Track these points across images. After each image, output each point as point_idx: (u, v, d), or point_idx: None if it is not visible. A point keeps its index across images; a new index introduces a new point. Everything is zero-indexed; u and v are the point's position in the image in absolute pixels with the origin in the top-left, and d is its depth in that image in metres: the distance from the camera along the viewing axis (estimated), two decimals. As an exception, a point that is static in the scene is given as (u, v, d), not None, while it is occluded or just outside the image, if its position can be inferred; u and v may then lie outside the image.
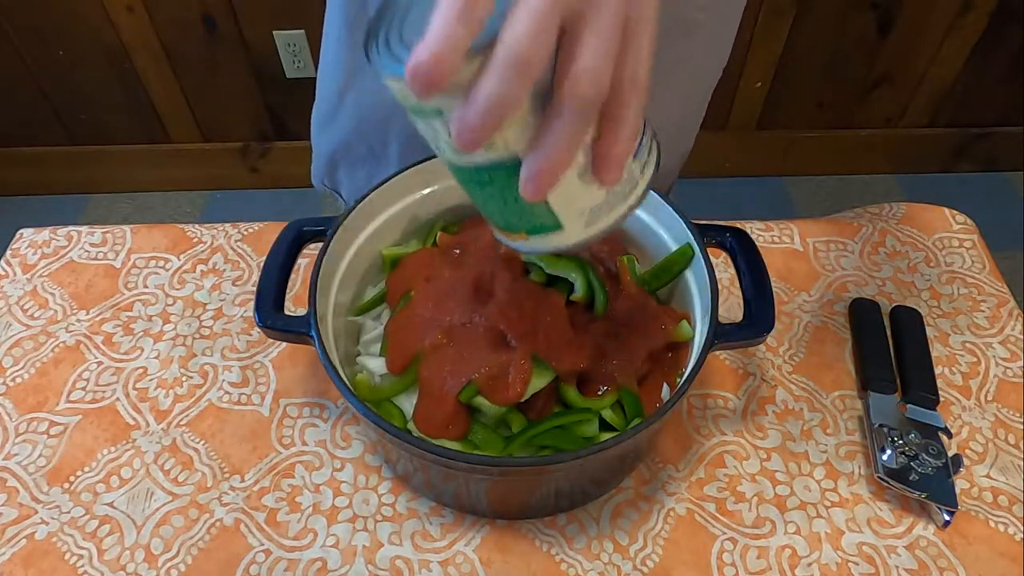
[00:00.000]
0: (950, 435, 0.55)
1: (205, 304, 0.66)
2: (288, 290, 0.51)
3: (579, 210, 0.35)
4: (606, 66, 0.30)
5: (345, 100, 0.75)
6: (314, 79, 0.74)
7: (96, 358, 0.62)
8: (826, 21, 1.55)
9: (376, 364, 0.52)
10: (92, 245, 0.70)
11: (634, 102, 0.32)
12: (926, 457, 0.53)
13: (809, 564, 0.51)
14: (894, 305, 0.65)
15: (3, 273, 0.68)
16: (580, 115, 0.31)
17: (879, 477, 0.53)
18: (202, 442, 0.57)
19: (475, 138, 0.31)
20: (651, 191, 0.54)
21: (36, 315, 0.65)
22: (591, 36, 0.30)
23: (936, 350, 0.62)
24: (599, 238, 0.36)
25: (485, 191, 0.35)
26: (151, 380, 0.61)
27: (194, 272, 0.68)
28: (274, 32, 1.57)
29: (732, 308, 0.64)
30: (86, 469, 0.56)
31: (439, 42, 0.29)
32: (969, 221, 0.73)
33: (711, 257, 0.51)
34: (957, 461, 0.54)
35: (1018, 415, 0.59)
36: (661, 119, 0.75)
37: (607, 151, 0.32)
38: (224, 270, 0.68)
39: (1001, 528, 0.53)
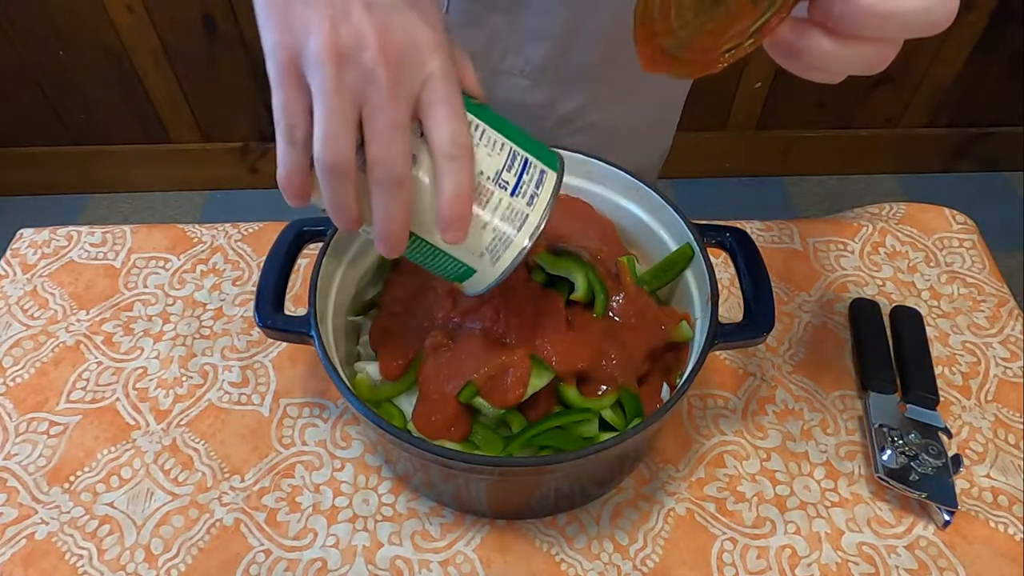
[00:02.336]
0: (950, 435, 0.55)
1: (205, 304, 0.66)
2: (288, 290, 0.51)
3: (476, 253, 0.40)
4: (394, 137, 0.34)
5: None
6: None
7: (96, 358, 0.62)
8: (826, 21, 1.55)
9: (374, 368, 0.52)
10: (92, 245, 0.70)
11: (446, 167, 0.35)
12: (926, 457, 0.53)
13: (809, 564, 0.51)
14: (894, 305, 0.65)
15: (3, 273, 0.68)
16: (386, 188, 0.35)
17: (879, 477, 0.53)
18: (202, 442, 0.57)
19: (350, 228, 0.38)
20: (653, 192, 0.55)
21: (36, 315, 0.65)
22: (376, 117, 0.34)
23: (936, 350, 0.62)
24: (512, 269, 0.40)
25: (412, 257, 0.42)
26: (151, 380, 0.61)
27: (194, 272, 0.68)
28: (274, 32, 1.56)
29: (732, 308, 0.64)
30: (86, 469, 0.56)
31: (281, 166, 0.36)
32: (969, 221, 0.73)
33: (711, 257, 0.51)
34: (957, 461, 0.54)
35: (1018, 415, 0.59)
36: (637, 118, 0.76)
37: (439, 212, 0.36)
38: (224, 270, 0.68)
39: (1001, 528, 0.53)
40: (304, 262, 0.66)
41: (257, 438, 0.57)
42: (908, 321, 0.63)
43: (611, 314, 0.52)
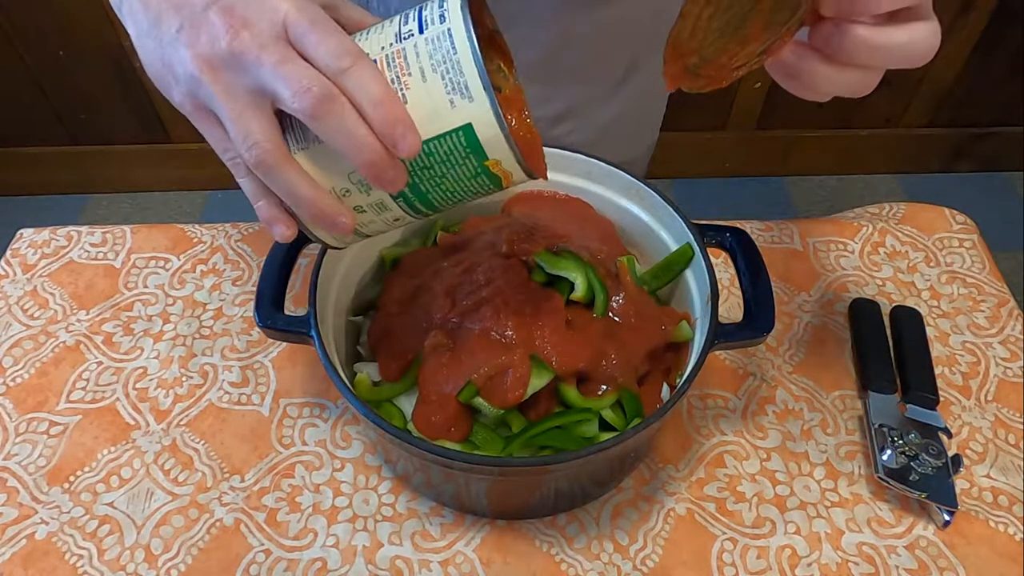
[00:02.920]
0: (950, 435, 0.55)
1: (205, 304, 0.66)
2: (288, 290, 0.51)
3: (446, 106, 0.34)
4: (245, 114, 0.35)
5: None
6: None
7: (96, 358, 0.62)
8: (826, 21, 1.55)
9: (374, 368, 0.52)
10: (92, 245, 0.70)
11: (345, 84, 0.34)
12: (926, 457, 0.53)
13: (809, 564, 0.51)
14: (894, 305, 0.65)
15: (3, 273, 0.68)
16: (261, 172, 0.38)
17: (879, 477, 0.53)
18: (202, 442, 0.57)
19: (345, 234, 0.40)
20: (653, 192, 0.55)
21: (36, 315, 0.65)
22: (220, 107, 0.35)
23: (936, 350, 0.62)
24: (488, 81, 0.34)
25: (427, 185, 0.38)
26: (151, 380, 0.61)
27: (194, 272, 0.68)
28: (274, 32, 1.56)
29: (732, 308, 0.64)
30: (86, 469, 0.56)
31: (254, 204, 0.42)
32: (969, 221, 0.73)
33: (711, 257, 0.51)
34: (957, 461, 0.54)
35: (1018, 415, 0.59)
36: (625, 113, 0.76)
37: (376, 131, 0.34)
38: (224, 270, 0.68)
39: (1001, 528, 0.53)
40: (304, 262, 0.66)
41: (257, 438, 0.57)
42: (908, 321, 0.63)
43: (611, 314, 0.52)
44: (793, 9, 0.34)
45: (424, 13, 0.35)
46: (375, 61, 0.35)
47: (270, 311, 0.49)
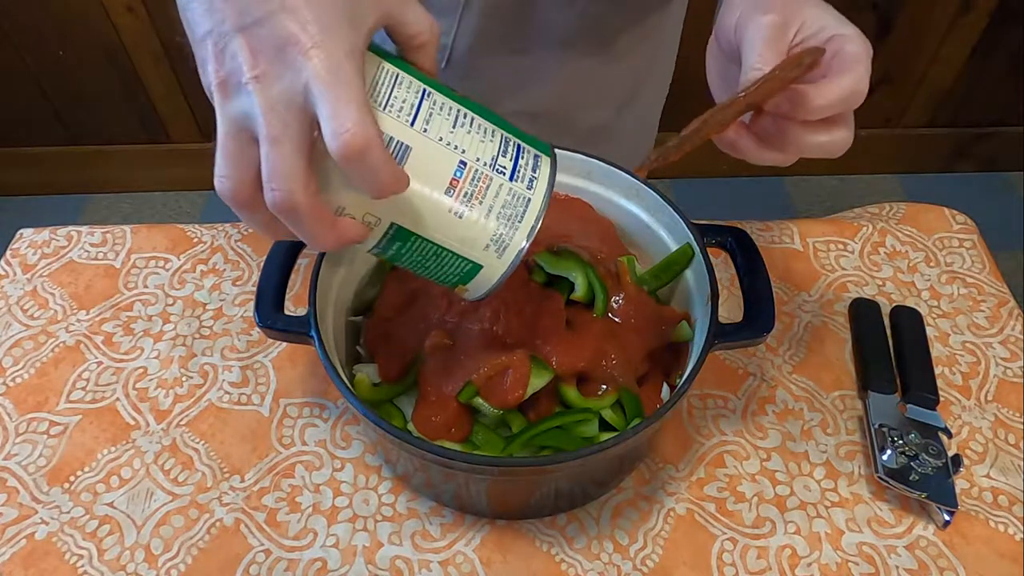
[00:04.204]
0: (950, 435, 0.55)
1: (205, 304, 0.66)
2: (288, 290, 0.51)
3: (480, 245, 0.38)
4: (277, 157, 0.32)
5: None
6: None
7: (96, 358, 0.62)
8: (826, 21, 1.55)
9: (374, 369, 0.52)
10: (92, 245, 0.70)
11: (343, 164, 0.32)
12: (926, 457, 0.53)
13: (809, 564, 0.51)
14: (894, 305, 0.65)
15: (3, 273, 0.68)
16: (282, 216, 0.33)
17: (879, 477, 0.53)
18: (202, 442, 0.57)
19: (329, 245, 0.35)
20: (653, 192, 0.55)
21: (36, 315, 0.65)
22: (263, 146, 0.32)
23: (936, 350, 0.62)
24: (519, 260, 0.38)
25: (406, 262, 0.39)
26: (151, 380, 0.61)
27: (194, 272, 0.68)
28: (274, 32, 1.57)
29: (732, 308, 0.64)
30: (86, 469, 0.56)
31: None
32: (969, 221, 0.73)
33: (711, 257, 0.51)
34: (957, 461, 0.54)
35: (1018, 415, 0.59)
36: (627, 122, 0.77)
37: (375, 182, 0.33)
38: (224, 270, 0.68)
39: (1001, 528, 0.53)
40: (304, 262, 0.66)
41: (257, 438, 0.57)
42: (908, 321, 0.63)
43: (611, 314, 0.52)
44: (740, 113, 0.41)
45: (520, 161, 0.38)
46: (464, 163, 0.36)
47: (270, 311, 0.49)
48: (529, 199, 0.38)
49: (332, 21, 0.32)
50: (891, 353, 0.61)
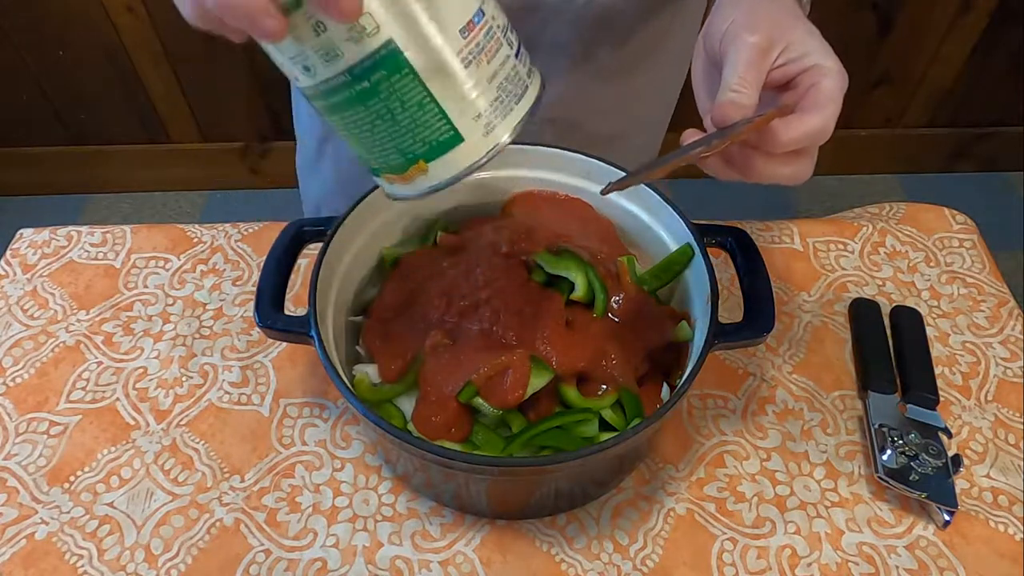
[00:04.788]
0: (950, 435, 0.55)
1: (205, 304, 0.66)
2: (288, 290, 0.51)
3: (474, 111, 0.32)
4: None
5: (325, 150, 0.77)
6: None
7: (96, 358, 0.62)
8: (826, 21, 1.54)
9: (374, 369, 0.52)
10: (92, 245, 0.70)
11: None
12: (926, 457, 0.53)
13: (809, 564, 0.51)
14: (894, 305, 0.65)
15: (3, 273, 0.68)
16: None
17: (879, 477, 0.53)
18: (202, 442, 0.57)
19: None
20: (654, 192, 0.55)
21: (36, 315, 0.65)
22: None
23: (936, 350, 0.62)
24: (502, 150, 0.34)
25: (372, 108, 0.32)
26: (151, 380, 0.61)
27: (194, 272, 0.68)
28: (274, 32, 1.56)
29: (732, 308, 0.64)
30: (86, 469, 0.56)
31: None
32: (969, 221, 0.73)
33: (711, 257, 0.51)
34: (957, 461, 0.54)
35: (1018, 415, 0.59)
36: (635, 127, 0.77)
37: None
38: (224, 270, 0.68)
39: (1001, 528, 0.53)
40: (304, 262, 0.66)
41: (257, 438, 0.57)
42: (908, 321, 0.63)
43: (611, 314, 0.52)
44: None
45: (522, 49, 0.35)
46: (483, 12, 0.32)
47: (270, 311, 0.49)
48: (526, 86, 0.34)
49: None
50: (891, 353, 0.61)
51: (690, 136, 0.41)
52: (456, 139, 0.33)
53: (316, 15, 0.29)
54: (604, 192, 0.42)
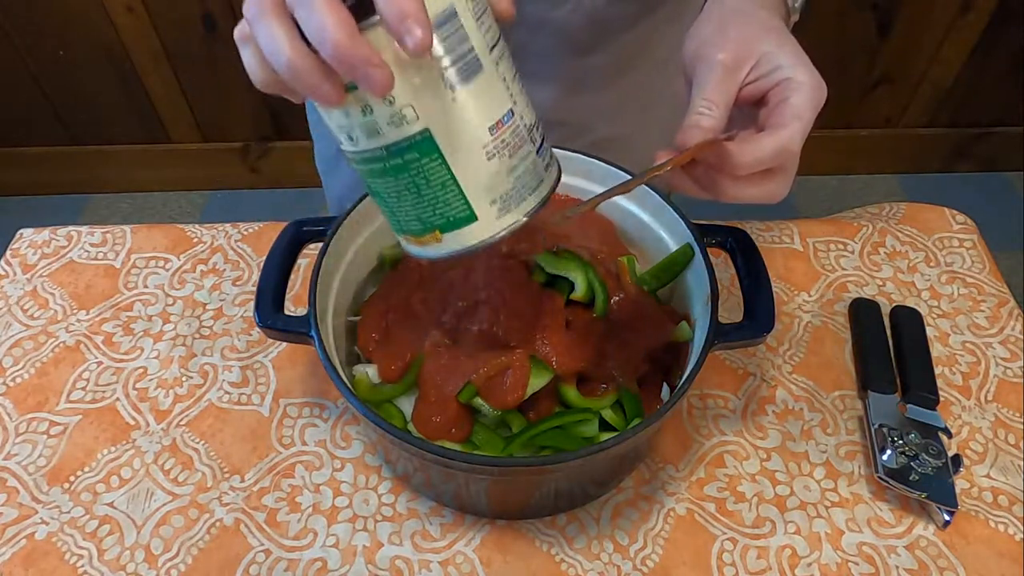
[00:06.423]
0: (950, 435, 0.55)
1: (205, 304, 0.66)
2: (288, 290, 0.51)
3: (491, 196, 0.36)
4: None
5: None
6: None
7: (96, 358, 0.62)
8: (826, 21, 1.55)
9: (374, 369, 0.52)
10: (92, 245, 0.70)
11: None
12: (926, 457, 0.53)
13: (809, 564, 0.51)
14: (894, 305, 0.65)
15: (3, 273, 0.68)
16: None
17: (879, 477, 0.53)
18: (202, 442, 0.57)
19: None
20: (654, 192, 0.55)
21: (36, 315, 0.65)
22: None
23: (936, 350, 0.62)
24: (511, 233, 0.37)
25: (400, 181, 0.36)
26: (151, 380, 0.61)
27: (194, 272, 0.68)
28: (274, 32, 1.56)
29: (732, 308, 0.64)
30: (86, 469, 0.56)
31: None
32: (969, 221, 0.73)
33: (711, 257, 0.51)
34: (957, 461, 0.54)
35: (1018, 415, 0.59)
36: (647, 133, 0.77)
37: (390, 18, 0.30)
38: (224, 270, 0.68)
39: (1001, 528, 0.53)
40: (304, 262, 0.66)
41: (257, 438, 0.57)
42: (908, 321, 0.63)
43: (611, 314, 0.52)
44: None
45: (544, 144, 0.38)
46: (512, 113, 0.36)
47: (270, 311, 0.49)
48: (542, 179, 0.38)
49: None
50: (891, 353, 0.61)
51: (660, 158, 0.41)
52: (471, 218, 0.37)
53: (366, 99, 0.33)
54: (566, 218, 0.42)
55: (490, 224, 0.37)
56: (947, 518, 0.52)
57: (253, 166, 1.85)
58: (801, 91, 0.39)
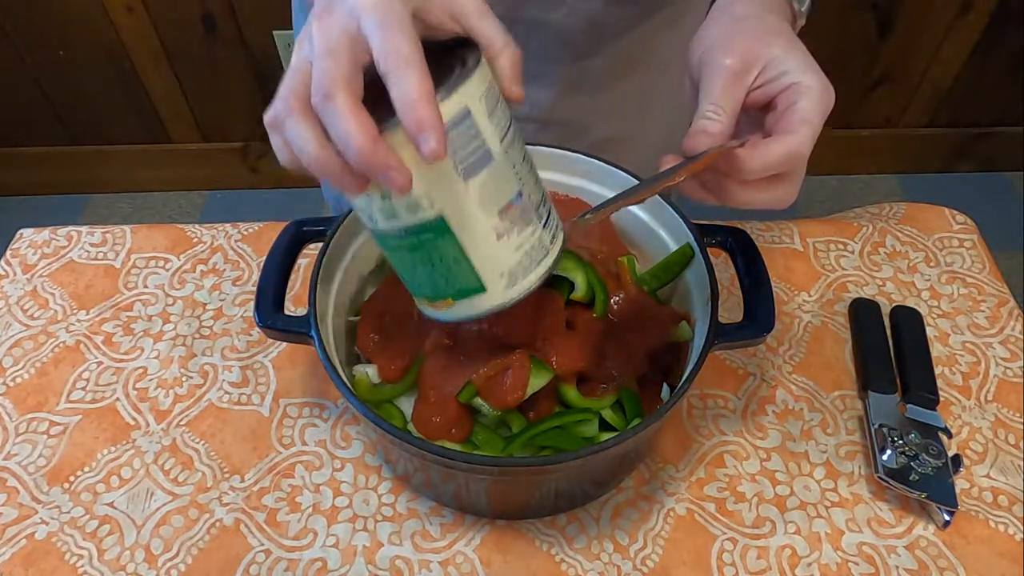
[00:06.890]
0: (950, 435, 0.55)
1: (205, 304, 0.66)
2: (288, 290, 0.51)
3: (499, 271, 0.39)
4: (321, 65, 0.33)
5: None
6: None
7: (96, 358, 0.62)
8: (826, 21, 1.55)
9: (374, 369, 0.52)
10: (92, 245, 0.70)
11: (391, 79, 0.32)
12: (926, 457, 0.53)
13: (809, 564, 0.51)
14: (894, 305, 0.65)
15: (3, 273, 0.68)
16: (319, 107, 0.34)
17: (879, 477, 0.53)
18: (202, 442, 0.57)
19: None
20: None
21: (36, 315, 0.65)
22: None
23: (936, 350, 0.62)
24: (516, 302, 0.40)
25: (415, 256, 0.39)
26: (151, 380, 0.61)
27: (194, 272, 0.68)
28: (274, 32, 1.56)
29: (732, 308, 0.64)
30: (86, 469, 0.56)
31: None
32: (969, 221, 0.73)
33: (711, 257, 0.51)
34: (957, 461, 0.54)
35: (1018, 415, 0.59)
36: (649, 135, 0.77)
37: (404, 117, 0.32)
38: (224, 270, 0.68)
39: (1001, 528, 0.53)
40: (304, 262, 0.66)
41: (257, 438, 0.57)
42: (908, 321, 0.63)
43: (611, 314, 0.52)
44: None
45: (550, 217, 0.42)
46: (520, 195, 0.39)
47: (270, 311, 0.49)
48: (547, 251, 0.41)
49: None
50: (891, 353, 0.61)
51: (667, 163, 0.41)
52: (480, 289, 0.40)
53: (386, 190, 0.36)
54: (578, 225, 0.42)
55: (499, 295, 0.40)
56: (947, 518, 0.52)
57: (253, 166, 1.85)
58: (810, 95, 0.39)
